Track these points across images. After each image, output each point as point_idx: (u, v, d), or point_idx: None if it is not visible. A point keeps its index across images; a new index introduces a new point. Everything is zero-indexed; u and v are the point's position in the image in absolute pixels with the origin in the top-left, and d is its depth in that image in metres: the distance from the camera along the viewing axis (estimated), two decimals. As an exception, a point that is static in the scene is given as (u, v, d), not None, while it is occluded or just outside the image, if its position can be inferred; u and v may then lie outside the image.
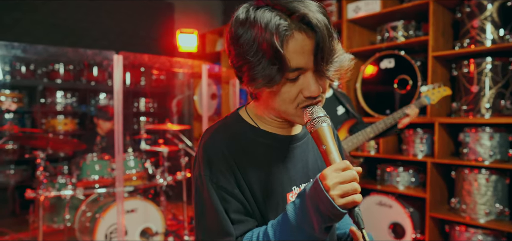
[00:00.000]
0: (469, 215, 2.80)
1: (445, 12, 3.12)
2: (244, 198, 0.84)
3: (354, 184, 0.74)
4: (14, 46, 2.00)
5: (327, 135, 0.78)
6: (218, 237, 0.82)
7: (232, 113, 0.95)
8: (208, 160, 0.84)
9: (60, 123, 4.67)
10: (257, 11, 0.77)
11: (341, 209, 0.72)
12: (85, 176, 3.24)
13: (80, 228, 3.32)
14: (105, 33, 5.33)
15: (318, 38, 0.75)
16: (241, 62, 0.80)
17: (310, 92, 0.79)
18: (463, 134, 2.87)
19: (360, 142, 2.32)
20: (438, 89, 2.43)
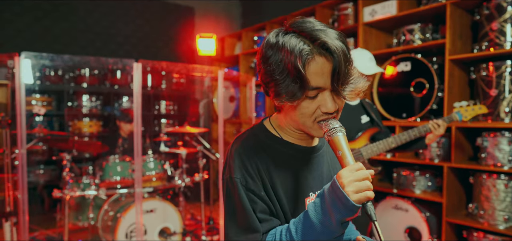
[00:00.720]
0: (487, 221, 2.74)
1: (463, 14, 3.06)
2: (269, 200, 0.95)
3: (367, 182, 0.83)
4: (42, 56, 2.15)
5: (342, 143, 0.88)
6: (247, 232, 0.92)
7: (258, 124, 1.06)
8: (239, 165, 0.95)
9: (86, 125, 4.89)
10: (285, 36, 0.89)
11: (355, 203, 0.81)
12: (108, 177, 3.40)
13: (103, 227, 3.48)
14: (128, 38, 5.53)
15: (336, 62, 0.85)
16: (268, 79, 0.91)
17: (327, 109, 0.90)
18: (481, 139, 2.81)
19: (380, 150, 2.33)
20: (473, 106, 2.39)
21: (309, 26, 0.87)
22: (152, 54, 5.74)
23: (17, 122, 2.30)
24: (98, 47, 5.24)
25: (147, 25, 5.72)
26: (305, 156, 1.03)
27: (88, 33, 5.19)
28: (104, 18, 5.31)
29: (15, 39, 4.68)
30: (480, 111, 2.38)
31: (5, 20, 4.63)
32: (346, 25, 3.82)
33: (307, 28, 0.86)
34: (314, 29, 0.86)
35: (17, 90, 2.18)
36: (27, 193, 2.36)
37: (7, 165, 2.88)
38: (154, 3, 5.76)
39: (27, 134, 4.52)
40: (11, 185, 2.86)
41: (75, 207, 3.73)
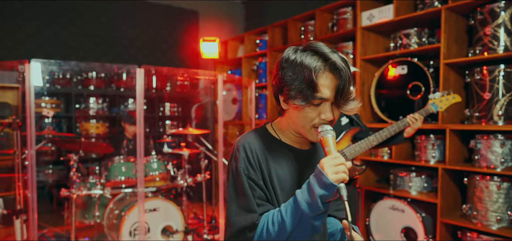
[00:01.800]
0: (480, 222, 2.80)
1: (458, 19, 3.13)
2: (266, 189, 1.13)
3: (343, 167, 1.00)
4: (51, 62, 2.28)
5: (330, 142, 1.07)
6: (245, 213, 1.10)
7: (262, 127, 1.26)
8: (243, 157, 1.13)
9: (93, 127, 5.04)
10: (303, 53, 1.09)
11: (332, 182, 0.98)
12: (113, 177, 3.52)
13: (108, 225, 3.60)
14: (133, 41, 5.67)
15: (342, 80, 1.06)
16: (284, 83, 1.10)
17: (326, 117, 1.09)
18: (474, 141, 2.88)
19: (363, 149, 2.41)
20: (447, 96, 2.44)
21: (323, 49, 1.07)
22: (157, 57, 5.87)
23: (27, 124, 2.43)
24: (104, 50, 5.39)
25: (152, 28, 5.85)
26: (299, 157, 1.20)
27: (94, 37, 5.33)
28: (110, 22, 5.46)
29: (25, 43, 4.84)
30: (454, 100, 2.42)
31: (15, 25, 4.79)
32: (345, 29, 3.90)
33: (321, 50, 1.07)
34: (326, 51, 1.06)
35: (27, 94, 2.31)
36: (36, 192, 2.49)
37: (18, 165, 3.02)
38: (158, 7, 5.89)
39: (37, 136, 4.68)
40: (21, 184, 3.00)
41: (82, 206, 3.86)
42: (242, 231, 1.09)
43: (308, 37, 4.38)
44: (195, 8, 6.26)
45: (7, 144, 4.40)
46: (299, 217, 1.01)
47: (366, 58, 3.61)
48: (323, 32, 4.19)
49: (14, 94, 4.60)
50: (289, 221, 1.03)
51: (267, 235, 1.06)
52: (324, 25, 4.22)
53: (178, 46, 6.13)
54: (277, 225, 1.05)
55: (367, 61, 3.67)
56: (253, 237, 1.09)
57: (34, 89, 2.27)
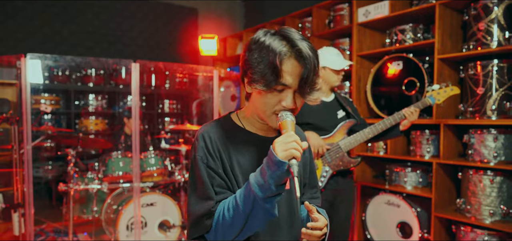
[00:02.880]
0: (474, 216, 2.82)
1: (453, 14, 3.14)
2: (227, 177, 1.11)
3: (293, 143, 0.96)
4: (46, 57, 2.32)
5: (288, 126, 1.03)
6: (203, 201, 1.08)
7: (225, 115, 1.23)
8: (201, 146, 1.11)
9: (92, 123, 5.08)
10: (272, 36, 1.06)
11: (280, 159, 0.95)
12: (110, 172, 3.56)
13: (106, 219, 3.64)
14: (134, 39, 5.71)
15: (306, 68, 1.02)
16: (248, 65, 1.07)
17: (286, 104, 1.06)
18: (468, 136, 2.89)
19: (358, 142, 2.43)
20: (445, 88, 2.42)
21: (291, 35, 1.04)
22: (157, 54, 5.91)
23: (23, 119, 2.46)
24: (104, 48, 5.43)
25: (152, 26, 5.89)
26: (263, 145, 1.16)
27: (95, 34, 5.38)
28: (110, 20, 5.50)
29: (26, 41, 4.89)
30: (452, 92, 2.40)
31: (16, 22, 4.83)
32: (341, 25, 3.91)
33: (290, 36, 1.04)
34: (295, 37, 1.03)
35: (23, 89, 2.35)
36: (32, 186, 2.52)
37: (16, 160, 3.06)
38: (158, 5, 5.93)
39: (35, 131, 4.73)
40: (19, 178, 3.04)
41: (81, 201, 3.90)
42: (200, 219, 1.07)
43: (305, 34, 4.40)
44: (194, 6, 6.30)
45: (6, 140, 4.44)
46: (252, 201, 0.99)
47: (362, 54, 3.63)
48: (320, 28, 4.21)
49: (13, 90, 4.64)
50: (242, 206, 1.00)
51: (224, 221, 1.04)
52: (321, 22, 4.24)
53: (178, 43, 6.16)
54: (232, 211, 1.02)
55: (363, 57, 3.68)
56: (211, 225, 1.06)
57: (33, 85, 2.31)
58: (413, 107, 2.40)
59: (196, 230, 1.09)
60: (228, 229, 1.03)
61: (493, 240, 2.70)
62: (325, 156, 2.43)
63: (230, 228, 1.03)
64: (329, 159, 2.43)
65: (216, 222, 1.06)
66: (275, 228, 1.16)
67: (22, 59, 2.32)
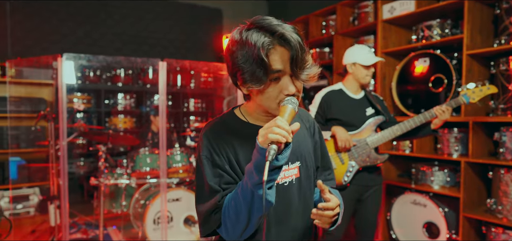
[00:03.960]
0: (506, 217, 2.72)
1: (483, 9, 3.04)
2: (234, 173, 1.10)
3: (273, 128, 0.92)
4: (80, 57, 2.45)
5: (286, 112, 0.99)
6: (210, 197, 1.07)
7: (228, 111, 1.21)
8: (206, 145, 1.10)
9: (121, 121, 5.27)
10: (247, 32, 1.01)
11: (260, 144, 0.93)
12: (138, 168, 3.69)
13: (134, 214, 3.77)
14: (159, 40, 5.88)
15: (293, 50, 0.98)
16: (236, 69, 1.04)
17: (288, 91, 1.02)
18: (499, 134, 2.79)
19: (386, 138, 2.41)
20: (481, 87, 2.32)
21: (267, 22, 1.00)
22: (182, 55, 6.05)
23: (59, 117, 2.61)
24: (132, 49, 5.62)
25: (177, 27, 6.04)
26: None
27: (123, 36, 5.57)
28: (137, 22, 5.68)
29: (60, 43, 5.14)
30: (489, 91, 2.30)
31: (51, 25, 5.10)
32: (366, 23, 3.87)
33: (266, 24, 0.99)
34: (272, 24, 0.99)
35: (59, 88, 2.49)
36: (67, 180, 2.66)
37: (52, 155, 3.23)
38: (183, 6, 6.07)
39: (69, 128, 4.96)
40: (55, 172, 3.21)
41: (110, 196, 4.06)
42: (209, 216, 1.07)
43: (329, 32, 4.38)
44: (218, 6, 6.39)
45: (43, 136, 4.69)
46: (250, 190, 0.97)
47: (387, 51, 3.58)
48: (344, 26, 4.18)
49: (49, 90, 4.90)
50: (242, 197, 0.99)
51: (230, 215, 1.03)
52: (345, 19, 4.21)
53: (202, 44, 6.28)
54: (235, 202, 1.02)
55: (389, 54, 3.63)
56: (220, 219, 1.05)
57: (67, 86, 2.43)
58: (445, 106, 2.34)
59: (207, 227, 1.10)
60: (235, 220, 1.02)
61: (526, 242, 2.60)
62: (352, 152, 2.43)
63: (237, 220, 1.02)
64: (355, 154, 2.42)
65: (223, 216, 1.05)
66: (287, 215, 1.15)
67: (59, 59, 2.46)
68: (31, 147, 4.56)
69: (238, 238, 1.06)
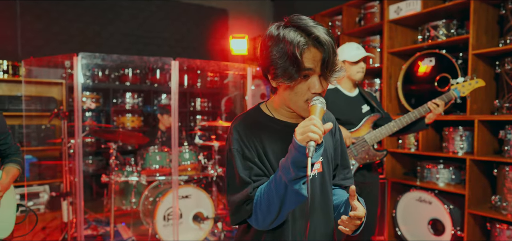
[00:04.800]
0: (510, 213, 2.77)
1: (489, 9, 3.09)
2: (263, 165, 1.16)
3: (311, 127, 0.97)
4: (95, 56, 2.52)
5: (316, 111, 1.05)
6: (242, 188, 1.13)
7: (255, 107, 1.27)
8: (236, 138, 1.16)
9: (128, 120, 5.35)
10: (285, 29, 1.08)
11: (298, 142, 0.98)
12: (148, 165, 3.76)
13: (144, 211, 3.84)
14: (166, 40, 5.96)
15: (326, 52, 1.05)
16: (269, 63, 1.10)
17: (315, 89, 1.08)
18: (504, 131, 2.84)
19: (383, 135, 2.47)
20: (470, 81, 2.40)
21: (304, 22, 1.06)
22: (189, 54, 6.12)
23: (75, 115, 2.68)
24: (140, 49, 5.70)
25: (184, 27, 6.11)
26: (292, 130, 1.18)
27: (131, 36, 5.65)
28: (145, 22, 5.76)
29: (69, 43, 5.22)
30: (477, 85, 2.37)
31: (61, 25, 5.18)
32: (372, 23, 3.93)
33: (303, 24, 1.06)
34: (308, 25, 1.06)
35: (74, 86, 2.56)
36: (82, 177, 2.73)
37: (65, 152, 3.30)
38: (190, 6, 6.14)
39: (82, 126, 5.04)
40: (68, 169, 3.28)
41: (120, 193, 4.14)
42: (241, 206, 1.12)
43: (335, 32, 4.44)
44: (224, 7, 6.46)
45: (53, 135, 4.78)
46: (283, 184, 1.02)
47: (393, 51, 3.63)
48: (350, 26, 4.24)
49: (58, 89, 4.98)
50: (275, 190, 1.04)
51: (262, 205, 1.08)
52: (352, 20, 4.26)
53: (209, 44, 6.35)
54: (268, 195, 1.06)
55: (394, 54, 3.68)
56: (251, 210, 1.10)
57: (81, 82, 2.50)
58: (439, 99, 2.40)
59: (238, 216, 1.15)
60: (266, 212, 1.07)
61: (531, 238, 2.65)
62: (351, 150, 2.48)
63: (268, 211, 1.07)
64: (355, 152, 2.47)
65: (255, 206, 1.10)
66: (310, 210, 1.21)
67: (74, 58, 2.53)
68: (42, 145, 4.64)
69: (266, 228, 1.13)
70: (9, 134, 1.87)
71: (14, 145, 1.92)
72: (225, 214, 4.59)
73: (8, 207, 1.80)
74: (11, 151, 1.87)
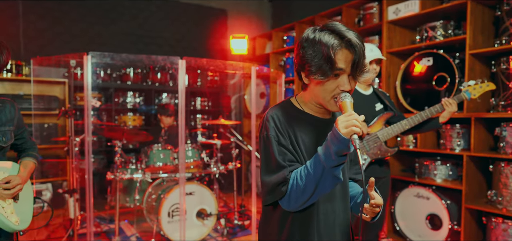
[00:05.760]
0: (505, 207, 2.88)
1: (485, 10, 3.20)
2: (295, 151, 1.29)
3: (354, 121, 1.11)
4: (104, 55, 2.58)
5: (347, 106, 1.19)
6: (277, 171, 1.25)
7: (286, 100, 1.41)
8: (272, 126, 1.28)
9: (130, 119, 5.39)
10: (320, 33, 1.22)
11: (343, 135, 1.10)
12: (152, 163, 3.82)
13: (147, 208, 3.90)
14: (166, 40, 6.01)
15: (356, 55, 1.18)
16: (305, 61, 1.23)
17: (344, 87, 1.22)
18: (499, 129, 2.95)
19: (395, 132, 2.57)
20: (480, 84, 2.52)
21: (338, 27, 1.21)
22: (189, 54, 6.15)
23: (85, 113, 2.73)
24: (140, 48, 5.74)
25: (184, 27, 6.17)
26: (321, 125, 1.35)
27: (132, 36, 5.70)
28: (145, 22, 5.81)
29: (71, 43, 5.26)
30: (488, 88, 2.50)
31: (63, 25, 5.21)
32: (371, 24, 4.02)
33: (337, 29, 1.20)
34: (342, 30, 1.19)
35: (85, 85, 2.61)
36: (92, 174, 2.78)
37: (71, 150, 3.35)
38: (190, 6, 6.20)
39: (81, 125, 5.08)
40: (74, 166, 3.33)
41: (123, 190, 4.19)
42: (276, 187, 1.24)
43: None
44: (224, 7, 6.53)
45: (55, 134, 4.81)
46: (321, 170, 1.15)
47: (392, 51, 3.73)
48: (350, 27, 4.31)
49: (60, 88, 5.01)
50: (313, 174, 1.17)
51: (297, 187, 1.20)
52: (351, 20, 4.36)
53: (208, 43, 6.41)
54: (305, 178, 1.18)
55: (393, 54, 3.78)
56: (286, 191, 1.22)
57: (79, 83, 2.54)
58: (451, 99, 2.50)
59: (272, 197, 1.26)
60: (301, 193, 1.20)
61: (525, 231, 2.76)
62: (364, 145, 2.57)
63: (303, 193, 1.19)
64: (367, 148, 2.57)
65: (290, 188, 1.22)
66: (331, 197, 1.34)
67: (84, 57, 2.59)
68: (45, 143, 4.67)
69: (296, 209, 1.25)
70: (25, 130, 1.93)
71: (30, 140, 1.98)
72: (226, 211, 4.67)
73: (26, 199, 1.86)
74: (28, 146, 1.93)
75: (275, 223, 1.34)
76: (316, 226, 1.31)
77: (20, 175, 1.76)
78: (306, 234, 1.31)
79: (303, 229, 1.31)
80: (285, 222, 1.32)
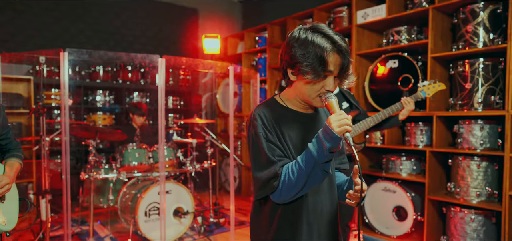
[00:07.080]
0: (462, 197, 3.17)
1: (444, 18, 3.49)
2: (283, 147, 1.36)
3: (345, 120, 1.21)
4: (82, 52, 2.53)
5: (334, 105, 1.28)
6: (268, 167, 1.31)
7: (271, 98, 1.47)
8: (260, 123, 1.35)
9: (100, 118, 5.26)
10: (313, 34, 1.27)
11: (337, 134, 1.19)
12: (127, 162, 3.77)
13: (122, 208, 3.84)
14: (137, 38, 5.91)
15: (345, 59, 1.29)
16: (295, 60, 1.29)
17: (330, 88, 1.32)
18: (458, 126, 3.24)
19: (361, 129, 2.74)
20: (433, 84, 2.79)
21: (329, 32, 1.28)
22: (160, 52, 6.08)
23: (62, 112, 2.67)
24: (111, 46, 5.61)
25: (155, 25, 6.09)
26: (305, 120, 1.44)
27: (102, 33, 5.55)
28: (115, 19, 5.68)
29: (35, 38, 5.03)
30: (440, 88, 2.77)
31: (25, 20, 4.97)
32: (341, 27, 4.23)
33: (328, 33, 1.28)
34: (331, 34, 1.28)
35: (61, 82, 2.55)
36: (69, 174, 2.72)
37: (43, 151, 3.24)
38: (161, 5, 6.13)
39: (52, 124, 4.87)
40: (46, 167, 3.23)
41: (96, 191, 4.09)
42: (268, 182, 1.30)
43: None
44: (195, 6, 6.52)
45: (19, 134, 4.59)
46: (312, 164, 1.22)
47: (361, 53, 3.95)
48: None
49: (24, 85, 4.79)
50: (305, 169, 1.23)
51: (289, 181, 1.27)
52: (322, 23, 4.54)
53: (180, 42, 6.38)
54: (296, 173, 1.25)
55: (362, 56, 4.01)
56: (278, 185, 1.28)
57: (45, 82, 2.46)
58: (409, 98, 2.72)
59: (264, 191, 1.33)
60: (292, 187, 1.28)
61: (479, 217, 3.06)
62: None
63: (294, 186, 1.27)
64: None
65: (282, 183, 1.29)
66: (319, 189, 1.43)
67: (61, 53, 2.53)
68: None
69: (286, 201, 1.33)
70: (10, 129, 1.88)
71: (15, 140, 1.92)
72: (201, 209, 4.70)
73: (12, 200, 1.82)
74: (12, 146, 1.88)
75: (266, 215, 1.42)
76: (305, 215, 1.40)
77: (7, 175, 1.72)
78: (296, 224, 1.39)
79: (293, 218, 1.39)
80: (274, 214, 1.39)
